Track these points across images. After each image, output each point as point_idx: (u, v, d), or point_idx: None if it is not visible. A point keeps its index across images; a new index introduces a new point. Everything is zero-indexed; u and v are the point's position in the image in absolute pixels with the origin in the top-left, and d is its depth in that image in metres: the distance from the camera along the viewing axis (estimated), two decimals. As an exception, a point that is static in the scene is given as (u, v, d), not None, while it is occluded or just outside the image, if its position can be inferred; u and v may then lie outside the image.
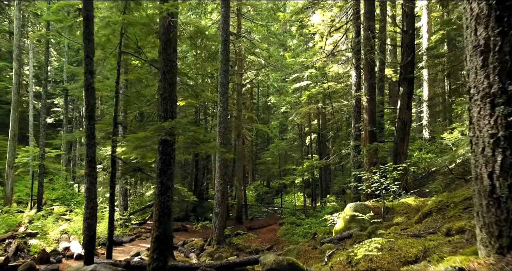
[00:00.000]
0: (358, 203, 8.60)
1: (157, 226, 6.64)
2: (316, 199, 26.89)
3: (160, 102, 6.97)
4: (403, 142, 12.11)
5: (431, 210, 5.57)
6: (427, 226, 4.61)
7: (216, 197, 14.25)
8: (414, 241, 3.54)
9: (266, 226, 20.40)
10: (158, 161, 6.89)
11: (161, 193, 6.75)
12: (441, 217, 5.11)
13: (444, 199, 5.56)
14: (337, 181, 16.41)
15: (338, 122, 20.14)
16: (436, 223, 4.80)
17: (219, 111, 14.40)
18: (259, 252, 14.19)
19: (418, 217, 5.74)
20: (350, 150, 13.00)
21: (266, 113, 44.64)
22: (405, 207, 8.06)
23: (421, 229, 4.55)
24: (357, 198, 12.42)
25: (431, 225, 4.64)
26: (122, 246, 13.49)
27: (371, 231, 6.86)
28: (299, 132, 27.23)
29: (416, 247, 3.30)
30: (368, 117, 12.53)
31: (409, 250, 3.28)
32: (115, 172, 8.99)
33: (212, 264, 8.16)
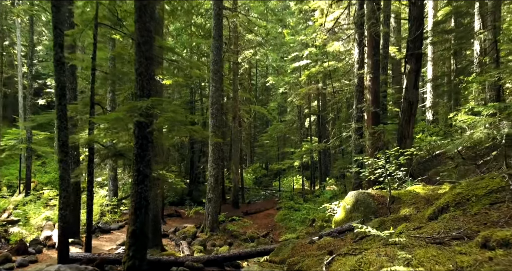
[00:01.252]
0: (360, 191, 7.81)
1: (133, 219, 5.85)
2: (315, 182, 26.25)
3: (136, 79, 6.07)
4: (409, 124, 11.24)
5: (448, 204, 4.75)
6: (446, 226, 3.79)
7: (209, 182, 13.50)
8: (438, 253, 2.74)
9: (263, 210, 19.77)
10: (134, 146, 6.04)
11: (137, 182, 5.93)
12: (462, 213, 4.30)
13: (464, 191, 4.73)
14: (337, 164, 15.65)
15: (338, 102, 19.19)
16: (457, 221, 3.99)
17: (211, 91, 13.48)
18: (254, 239, 13.56)
19: (432, 211, 4.92)
20: (351, 133, 12.15)
21: (265, 94, 43.61)
22: (413, 196, 7.26)
23: (440, 229, 3.73)
24: (358, 184, 11.66)
25: (452, 224, 3.83)
26: (110, 233, 12.81)
27: (376, 225, 6.07)
28: (298, 114, 26.30)
29: (443, 264, 2.49)
30: (371, 97, 11.62)
31: (435, 268, 2.47)
32: (93, 157, 8.16)
33: (199, 258, 7.44)
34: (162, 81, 9.92)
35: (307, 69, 21.02)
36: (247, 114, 27.58)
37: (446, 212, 4.66)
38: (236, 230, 14.42)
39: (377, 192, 7.74)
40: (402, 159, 7.57)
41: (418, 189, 7.63)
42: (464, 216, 4.11)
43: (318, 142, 23.54)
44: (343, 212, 7.85)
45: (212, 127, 13.35)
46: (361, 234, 5.98)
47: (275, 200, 22.73)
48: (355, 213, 7.55)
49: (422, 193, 7.24)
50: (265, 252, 7.40)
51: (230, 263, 7.59)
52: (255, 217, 18.29)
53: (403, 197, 7.35)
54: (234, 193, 20.49)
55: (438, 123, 22.29)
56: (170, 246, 11.91)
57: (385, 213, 7.08)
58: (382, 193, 7.70)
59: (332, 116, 19.05)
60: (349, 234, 6.66)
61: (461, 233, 3.39)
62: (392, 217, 6.05)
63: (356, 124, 11.95)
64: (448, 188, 6.73)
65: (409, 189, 7.75)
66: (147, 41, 6.10)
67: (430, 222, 4.54)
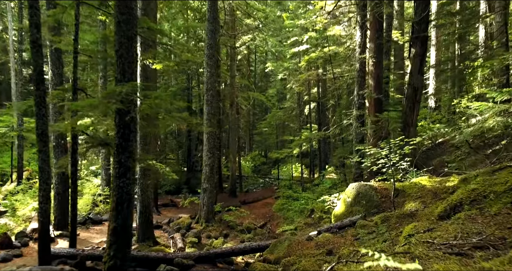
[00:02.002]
0: (362, 184, 7.31)
1: (114, 216, 5.36)
2: (314, 170, 25.80)
3: (116, 62, 5.48)
4: (413, 111, 10.70)
5: (462, 201, 4.24)
6: (464, 229, 3.29)
7: (204, 172, 13.01)
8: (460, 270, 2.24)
9: (261, 199, 19.36)
10: (116, 136, 5.50)
11: (118, 175, 5.42)
12: (479, 213, 3.79)
13: (479, 187, 4.22)
14: (337, 153, 15.16)
15: (339, 89, 18.56)
16: (474, 223, 3.48)
17: (206, 77, 12.86)
18: (251, 230, 13.15)
19: (443, 209, 4.42)
20: (352, 121, 11.60)
21: (264, 81, 42.88)
22: (418, 189, 6.77)
23: (456, 233, 3.22)
24: (359, 174, 11.18)
25: (469, 227, 3.32)
26: (102, 224, 12.38)
27: (378, 221, 5.58)
28: (297, 101, 25.66)
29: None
30: (373, 83, 11.03)
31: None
32: (77, 147, 7.64)
33: (189, 254, 6.98)
34: (152, 66, 9.33)
35: (307, 54, 20.31)
36: (245, 101, 26.97)
37: (459, 210, 4.16)
38: (232, 220, 13.99)
39: (379, 184, 7.24)
40: (407, 149, 7.05)
41: (424, 181, 7.13)
42: (482, 217, 3.60)
43: (318, 130, 22.99)
44: (343, 205, 7.37)
45: (207, 114, 12.78)
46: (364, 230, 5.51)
47: (274, 188, 22.32)
48: (356, 206, 7.07)
49: (429, 186, 6.74)
50: (259, 249, 6.94)
51: (223, 260, 7.14)
52: (252, 207, 17.89)
53: (408, 190, 6.86)
54: (231, 182, 20.05)
55: (441, 111, 21.72)
56: (163, 238, 11.49)
57: (389, 207, 6.60)
58: (385, 185, 7.20)
59: (332, 103, 18.44)
60: (349, 230, 6.19)
61: (483, 240, 2.88)
62: (397, 212, 5.56)
63: (357, 112, 11.39)
64: (457, 181, 6.23)
65: (414, 181, 7.25)
66: (128, 20, 5.50)
67: (442, 222, 4.03)
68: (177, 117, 6.11)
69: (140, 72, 9.83)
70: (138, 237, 9.97)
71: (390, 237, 4.38)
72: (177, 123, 6.83)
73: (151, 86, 9.83)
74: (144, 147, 9.83)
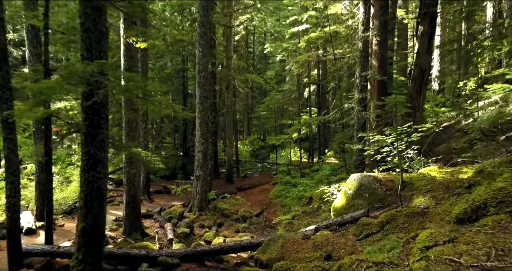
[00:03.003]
0: (364, 174, 6.64)
1: (83, 215, 4.69)
2: (313, 154, 25.14)
3: (81, 37, 4.71)
4: (420, 94, 9.96)
5: (486, 202, 3.57)
6: (496, 244, 2.62)
7: (197, 159, 12.35)
8: None
9: (258, 185, 18.77)
10: (83, 123, 4.78)
11: (87, 168, 4.72)
12: (510, 218, 3.11)
13: (508, 186, 3.54)
14: (337, 138, 14.49)
15: (340, 70, 17.70)
16: (507, 234, 2.81)
17: (198, 57, 12.03)
18: (247, 219, 12.58)
19: (463, 210, 3.74)
20: (354, 104, 10.85)
21: (262, 63, 41.84)
22: (428, 181, 6.10)
23: (489, 250, 2.55)
24: (361, 161, 10.51)
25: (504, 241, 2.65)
26: (90, 214, 11.79)
27: (384, 220, 4.92)
28: (297, 83, 24.76)
29: None
30: (377, 64, 10.23)
31: None
32: (50, 134, 6.93)
33: (174, 252, 6.37)
34: (135, 45, 8.51)
35: (307, 34, 19.35)
36: (242, 84, 26.11)
37: (484, 214, 3.48)
38: (227, 208, 13.42)
39: (384, 176, 6.56)
40: (415, 136, 6.35)
41: (434, 171, 6.46)
42: (516, 225, 2.93)
43: (318, 113, 22.22)
44: (344, 198, 6.72)
45: (199, 98, 12.02)
46: (367, 230, 4.86)
47: (272, 173, 21.72)
48: (358, 200, 6.41)
49: (439, 177, 6.07)
50: (251, 246, 6.32)
51: (211, 257, 6.54)
52: (249, 193, 17.32)
53: (416, 182, 6.19)
54: (228, 167, 19.43)
55: (445, 94, 20.92)
56: (153, 228, 10.92)
57: (395, 202, 5.94)
58: (391, 176, 6.52)
59: (333, 85, 17.56)
60: (351, 228, 5.54)
61: (528, 263, 2.20)
62: (405, 210, 4.89)
63: (359, 95, 10.63)
64: (472, 172, 5.55)
65: (423, 172, 6.57)
66: (95, -13, 4.69)
67: (463, 229, 3.35)
68: (157, 102, 5.37)
69: (123, 52, 9.04)
70: (125, 229, 9.39)
71: (399, 243, 3.73)
72: (152, 109, 6.09)
73: (134, 67, 9.04)
74: (130, 133, 9.11)
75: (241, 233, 10.73)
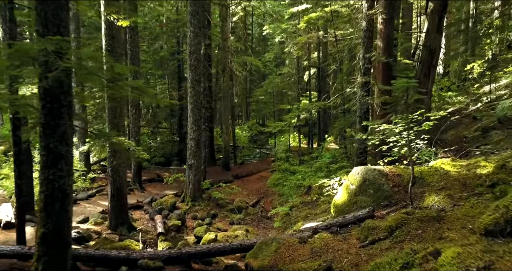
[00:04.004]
0: (368, 168, 5.95)
1: (43, 219, 4.03)
2: (312, 140, 24.43)
3: (36, 9, 3.94)
4: (428, 78, 9.20)
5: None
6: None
7: (189, 147, 11.66)
8: None
9: (255, 173, 18.16)
10: (41, 112, 4.06)
11: (47, 164, 4.03)
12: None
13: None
14: (337, 124, 13.78)
15: (342, 51, 16.82)
16: None
17: (189, 38, 11.19)
18: (242, 209, 12.00)
19: (494, 221, 3.05)
20: (356, 89, 10.08)
21: (261, 45, 40.77)
22: (441, 176, 5.42)
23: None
24: (363, 149, 9.81)
25: None
26: (76, 204, 11.16)
27: (393, 224, 4.26)
28: (297, 66, 23.84)
29: None
30: (382, 45, 9.42)
31: None
32: (19, 123, 6.22)
33: (157, 254, 5.74)
34: (117, 23, 7.70)
35: (307, 14, 18.38)
36: (240, 67, 25.22)
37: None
38: (222, 198, 12.82)
39: (391, 169, 5.87)
40: (427, 125, 5.63)
41: (446, 165, 5.77)
42: None
43: (318, 97, 21.43)
44: (346, 194, 6.05)
45: (191, 81, 11.25)
46: (373, 235, 4.21)
47: (270, 160, 21.10)
48: (361, 196, 5.75)
49: (453, 172, 5.39)
50: (241, 249, 5.68)
51: (199, 259, 5.93)
52: (246, 181, 16.72)
53: (428, 177, 5.51)
54: (224, 154, 18.77)
55: (450, 77, 20.09)
56: (143, 221, 10.34)
57: (403, 200, 5.27)
58: (398, 170, 5.83)
59: (334, 67, 16.65)
60: (354, 230, 4.89)
61: None
62: (418, 214, 4.22)
63: (362, 79, 9.84)
64: (492, 167, 4.86)
65: (434, 165, 5.89)
66: None
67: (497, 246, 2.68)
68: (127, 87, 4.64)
69: (104, 30, 8.23)
70: (110, 223, 8.78)
71: (415, 259, 3.07)
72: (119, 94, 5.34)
73: (118, 48, 8.25)
74: (113, 120, 8.40)
75: (235, 226, 10.15)
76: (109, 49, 8.17)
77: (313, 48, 23.47)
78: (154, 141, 24.75)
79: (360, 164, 10.15)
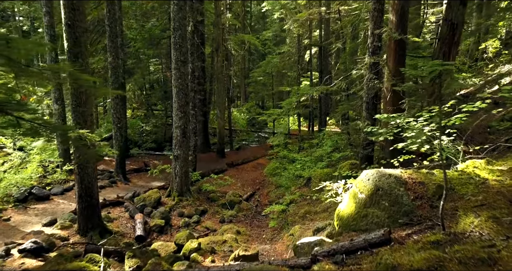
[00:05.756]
0: (382, 172, 4.71)
1: None
2: (313, 123, 23.16)
3: None
4: (449, 58, 7.85)
5: None
6: None
7: (175, 136, 10.45)
8: None
9: (252, 160, 17.04)
10: None
11: None
12: None
13: None
14: (340, 109, 12.48)
15: (344, 27, 15.32)
16: None
17: (173, 12, 9.78)
18: (235, 204, 10.91)
19: None
20: (363, 70, 8.75)
21: (261, 23, 39.00)
22: (476, 186, 4.21)
23: None
24: (370, 140, 8.57)
25: None
26: (49, 200, 10.03)
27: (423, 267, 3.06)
28: (297, 45, 22.28)
29: None
30: (395, 19, 8.02)
31: None
32: None
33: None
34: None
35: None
36: (237, 45, 23.70)
37: None
38: (214, 190, 11.71)
39: (410, 175, 4.64)
40: (458, 119, 4.38)
41: (482, 170, 4.54)
42: None
43: (319, 79, 20.08)
44: (353, 204, 4.86)
45: (175, 62, 9.91)
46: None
47: (268, 145, 19.92)
48: (373, 209, 4.56)
49: (493, 181, 4.17)
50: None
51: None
52: (241, 169, 15.61)
53: (459, 188, 4.29)
54: (219, 140, 17.56)
55: (460, 56, 18.58)
56: (122, 220, 9.22)
57: (428, 218, 4.07)
58: (420, 177, 4.60)
59: (339, 46, 15.10)
60: (365, 262, 3.70)
61: None
62: (456, 251, 3.01)
63: (371, 59, 8.51)
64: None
65: (466, 170, 4.66)
66: None
67: None
68: (34, 73, 3.38)
69: (63, 1, 6.86)
70: (79, 227, 7.65)
71: None
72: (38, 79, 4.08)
73: (81, 22, 6.89)
74: (77, 109, 7.14)
75: (225, 226, 9.06)
76: (69, 24, 6.82)
77: (314, 27, 21.92)
78: (146, 125, 23.49)
79: (366, 156, 8.94)
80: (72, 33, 6.93)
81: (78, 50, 7.03)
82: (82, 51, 7.08)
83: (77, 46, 7.00)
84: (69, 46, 6.98)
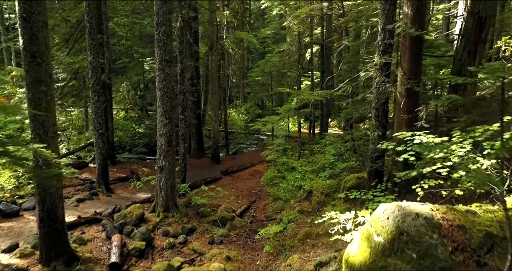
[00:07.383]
0: (406, 210, 3.57)
1: None
2: (314, 125, 22.00)
3: None
4: (474, 57, 6.74)
5: None
6: None
7: (159, 145, 9.33)
8: None
9: (248, 167, 15.92)
10: None
11: None
12: None
13: None
14: (344, 113, 11.35)
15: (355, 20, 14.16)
16: None
17: (156, 5, 8.64)
18: (227, 221, 9.78)
19: None
20: (373, 72, 7.60)
21: (260, 21, 37.88)
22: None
23: None
24: (380, 152, 7.43)
25: None
26: (18, 217, 8.91)
27: None
28: (298, 43, 21.11)
29: None
30: (411, 12, 6.87)
31: None
32: None
33: None
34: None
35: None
36: (234, 44, 22.55)
37: None
38: (204, 204, 10.59)
39: (444, 214, 3.49)
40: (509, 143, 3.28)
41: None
42: None
43: (321, 78, 18.97)
44: (367, 249, 3.72)
45: (159, 62, 8.79)
46: None
47: (267, 149, 18.78)
48: (395, 259, 3.43)
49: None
50: None
51: None
52: (237, 178, 14.49)
53: None
54: (213, 145, 16.43)
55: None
56: (96, 242, 8.09)
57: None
58: (457, 217, 3.46)
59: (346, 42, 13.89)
60: None
61: None
62: None
63: (382, 58, 7.36)
64: None
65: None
66: None
67: None
68: None
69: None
70: (41, 255, 6.53)
71: None
72: None
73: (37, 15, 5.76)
74: (36, 118, 6.02)
75: (214, 250, 7.96)
76: (25, 17, 5.70)
77: (315, 24, 20.77)
78: (139, 127, 22.38)
79: (375, 171, 7.79)
80: (28, 28, 5.81)
81: (36, 48, 5.91)
82: (41, 50, 5.95)
83: (34, 43, 5.88)
84: (24, 43, 5.86)
